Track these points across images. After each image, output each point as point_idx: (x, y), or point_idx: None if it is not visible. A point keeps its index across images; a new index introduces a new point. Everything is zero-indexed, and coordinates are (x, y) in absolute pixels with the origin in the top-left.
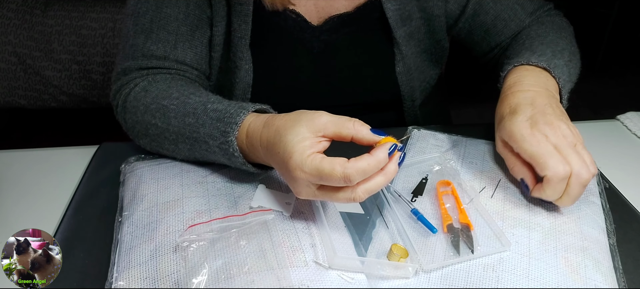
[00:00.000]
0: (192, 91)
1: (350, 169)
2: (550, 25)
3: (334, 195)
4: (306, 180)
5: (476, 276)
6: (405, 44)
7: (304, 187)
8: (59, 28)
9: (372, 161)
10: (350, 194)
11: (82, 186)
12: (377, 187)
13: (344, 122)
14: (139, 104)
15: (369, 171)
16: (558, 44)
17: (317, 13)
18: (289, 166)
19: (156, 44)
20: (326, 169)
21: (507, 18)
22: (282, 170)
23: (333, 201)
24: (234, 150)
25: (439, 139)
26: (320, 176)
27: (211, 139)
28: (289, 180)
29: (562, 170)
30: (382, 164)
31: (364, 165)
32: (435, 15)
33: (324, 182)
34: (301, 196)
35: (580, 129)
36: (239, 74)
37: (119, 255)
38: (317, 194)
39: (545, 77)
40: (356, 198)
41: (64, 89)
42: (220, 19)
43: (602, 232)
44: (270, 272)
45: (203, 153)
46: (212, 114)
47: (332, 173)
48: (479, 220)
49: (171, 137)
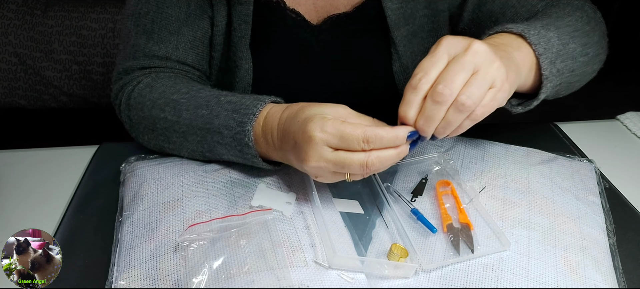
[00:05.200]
0: (200, 86)
1: (370, 131)
2: (564, 5)
3: (347, 158)
4: (325, 141)
5: (476, 276)
6: (404, 44)
7: (318, 150)
8: (59, 28)
9: (391, 133)
10: (363, 158)
11: (82, 186)
12: (388, 158)
13: (365, 117)
14: (144, 100)
15: (386, 140)
16: (562, 19)
17: (317, 12)
18: (307, 128)
19: (158, 44)
20: (348, 128)
21: (516, 4)
22: (297, 136)
23: (343, 168)
24: (249, 140)
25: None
26: (342, 135)
27: (226, 130)
28: (303, 144)
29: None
30: (398, 141)
31: (383, 133)
32: (440, 11)
33: (342, 144)
34: (310, 162)
35: (580, 129)
36: (238, 73)
37: (119, 255)
38: (329, 158)
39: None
40: (369, 164)
41: (64, 90)
42: (221, 18)
43: (602, 231)
44: (270, 272)
45: (213, 145)
46: (226, 106)
47: (353, 132)
48: (479, 220)
49: (181, 130)
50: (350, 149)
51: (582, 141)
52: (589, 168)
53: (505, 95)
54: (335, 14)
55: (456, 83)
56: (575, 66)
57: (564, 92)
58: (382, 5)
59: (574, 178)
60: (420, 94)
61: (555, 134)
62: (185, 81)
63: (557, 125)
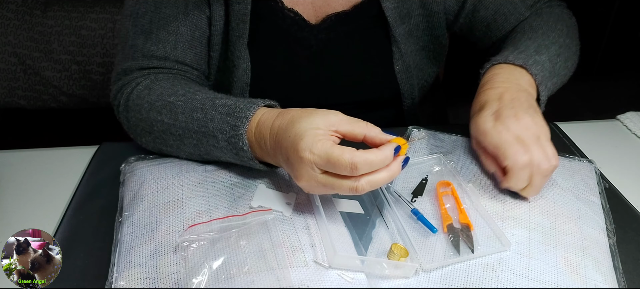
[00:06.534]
0: (197, 88)
1: (358, 158)
2: (547, 17)
3: (336, 182)
4: (312, 163)
5: (476, 276)
6: (404, 42)
7: (308, 170)
8: (59, 29)
9: (380, 155)
10: (353, 183)
11: (82, 186)
12: (380, 181)
13: (358, 122)
14: (142, 102)
15: (375, 164)
16: (548, 37)
17: (315, 12)
18: (298, 147)
19: (156, 44)
20: (335, 153)
21: (506, 12)
22: (289, 153)
23: (334, 190)
24: (243, 144)
25: (439, 139)
26: (329, 160)
27: (220, 133)
28: (294, 162)
29: (520, 159)
30: (388, 160)
31: (371, 157)
32: (434, 12)
33: (330, 168)
34: (302, 180)
35: (580, 129)
36: (237, 72)
37: (119, 255)
38: (320, 180)
39: (519, 73)
40: (358, 188)
41: (63, 90)
42: (219, 18)
43: (602, 232)
44: (270, 272)
45: (209, 148)
46: (221, 109)
47: (340, 158)
48: (479, 220)
49: (177, 133)
50: (338, 173)
51: (582, 141)
52: (589, 168)
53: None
54: (334, 14)
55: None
56: (560, 80)
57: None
58: (381, 4)
59: (574, 178)
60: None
61: (555, 134)
62: (183, 83)
63: (557, 125)
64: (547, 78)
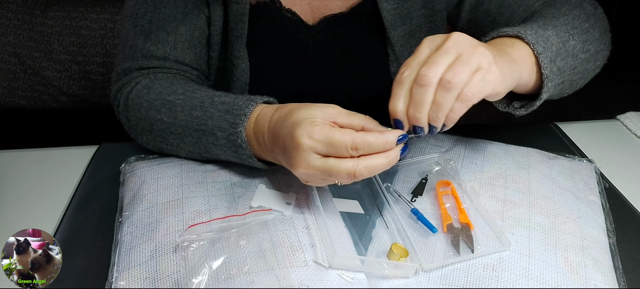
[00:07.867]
0: (196, 87)
1: (358, 138)
2: (561, 4)
3: (335, 168)
4: (312, 148)
5: (476, 276)
6: (401, 45)
7: (306, 157)
8: (59, 29)
9: (380, 139)
10: (352, 166)
11: (82, 186)
12: (377, 167)
13: (356, 114)
14: (142, 101)
15: (374, 146)
16: (558, 19)
17: (312, 13)
18: (295, 134)
19: (156, 44)
20: (336, 135)
21: (513, 4)
22: (286, 141)
23: (332, 176)
24: (242, 141)
25: (439, 139)
26: (330, 142)
27: (219, 131)
28: (291, 150)
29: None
30: (388, 146)
31: (371, 138)
32: (437, 11)
33: (331, 150)
34: (299, 168)
35: (580, 129)
36: (236, 72)
37: (119, 255)
38: (318, 165)
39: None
40: (356, 174)
41: (63, 90)
42: (218, 18)
43: (602, 231)
44: (270, 272)
45: (209, 146)
46: (220, 107)
47: (341, 139)
48: (479, 220)
49: (177, 131)
50: (338, 155)
51: (582, 141)
52: (589, 168)
53: (494, 77)
54: (331, 15)
55: (439, 65)
56: (576, 63)
57: (568, 91)
58: (378, 6)
59: (574, 178)
60: (406, 86)
61: (555, 134)
62: (182, 82)
63: (557, 125)
64: (553, 53)
